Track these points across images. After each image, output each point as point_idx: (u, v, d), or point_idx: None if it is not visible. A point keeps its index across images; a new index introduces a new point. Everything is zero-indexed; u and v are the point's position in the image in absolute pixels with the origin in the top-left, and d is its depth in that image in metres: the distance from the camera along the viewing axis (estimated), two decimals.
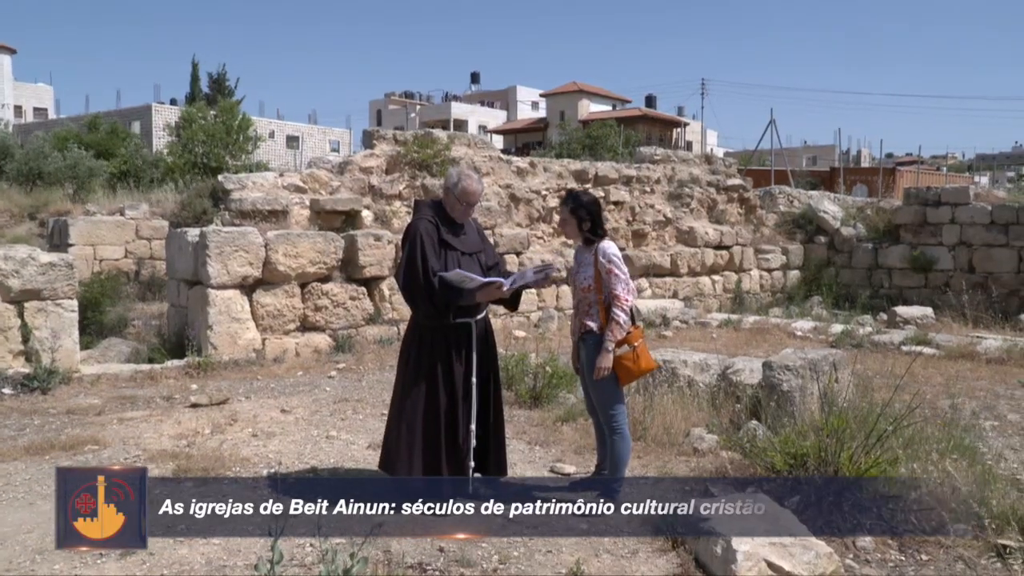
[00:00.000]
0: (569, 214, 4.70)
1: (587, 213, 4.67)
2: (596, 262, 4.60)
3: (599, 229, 4.71)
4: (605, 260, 4.58)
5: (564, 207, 4.76)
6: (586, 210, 4.67)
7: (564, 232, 4.88)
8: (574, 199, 4.74)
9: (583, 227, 4.67)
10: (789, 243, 16.60)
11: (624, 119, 47.63)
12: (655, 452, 5.67)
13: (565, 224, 4.78)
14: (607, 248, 4.61)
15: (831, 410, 5.37)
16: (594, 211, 4.70)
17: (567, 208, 4.72)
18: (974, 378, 8.54)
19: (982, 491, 4.43)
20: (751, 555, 3.63)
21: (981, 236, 14.96)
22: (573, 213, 4.68)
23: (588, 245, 4.72)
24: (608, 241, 4.68)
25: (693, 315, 12.27)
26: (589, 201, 4.73)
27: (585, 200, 4.72)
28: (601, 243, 4.64)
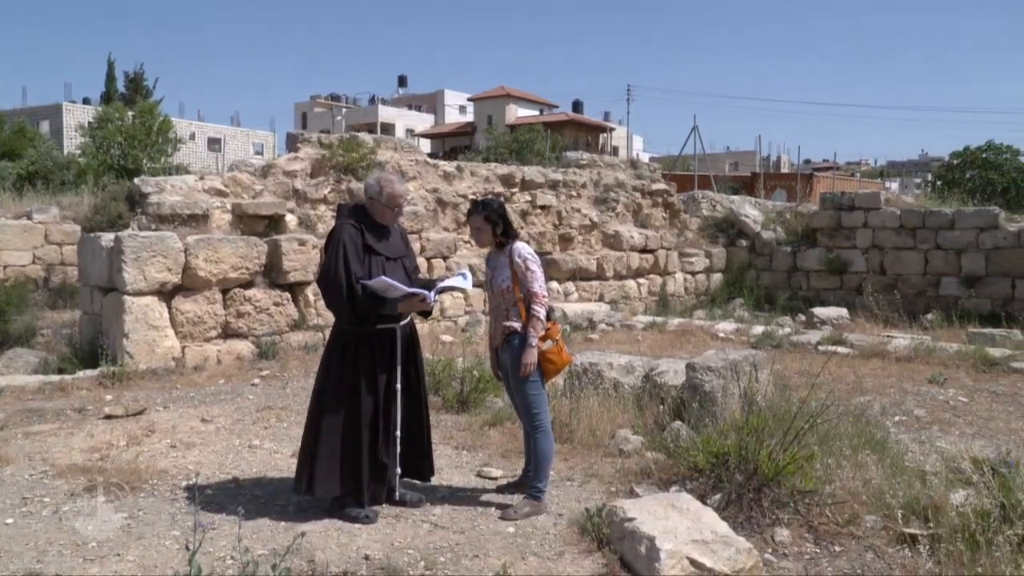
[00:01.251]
0: (483, 222, 4.70)
1: (499, 217, 4.71)
2: (512, 263, 4.65)
3: (511, 231, 4.75)
4: (521, 260, 4.64)
5: (477, 216, 4.73)
6: (498, 215, 4.71)
7: (478, 241, 4.85)
8: (485, 206, 4.75)
9: (496, 231, 4.70)
10: (712, 246, 16.99)
11: (551, 124, 47.96)
12: (581, 454, 5.72)
13: (480, 233, 4.77)
14: (521, 248, 4.68)
15: (751, 409, 5.53)
16: (504, 215, 4.75)
17: (480, 216, 4.71)
18: (884, 376, 8.88)
19: (891, 483, 4.61)
20: (674, 553, 3.69)
21: (891, 239, 15.59)
22: (488, 220, 4.69)
23: (500, 248, 4.76)
24: (521, 242, 4.76)
25: (619, 318, 12.44)
26: (499, 206, 4.77)
27: (495, 206, 4.76)
28: (514, 244, 4.70)
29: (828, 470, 4.82)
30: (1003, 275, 14.30)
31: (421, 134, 60.53)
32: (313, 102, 70.42)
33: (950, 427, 6.84)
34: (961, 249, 14.79)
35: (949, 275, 14.88)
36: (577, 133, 52.08)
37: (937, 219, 15.12)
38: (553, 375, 4.79)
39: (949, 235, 14.93)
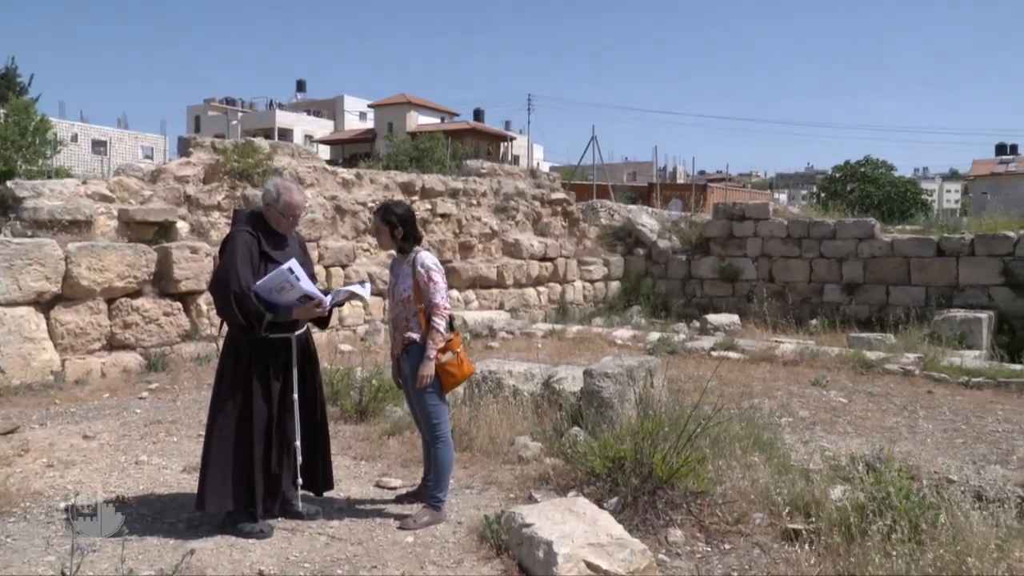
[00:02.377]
0: (381, 222, 4.71)
1: (399, 220, 4.68)
2: (414, 272, 4.62)
3: (412, 238, 4.73)
4: (423, 270, 4.61)
5: (376, 216, 4.78)
6: (397, 217, 4.68)
7: (379, 242, 4.87)
8: (385, 209, 4.75)
9: (394, 234, 4.68)
10: (610, 255, 17.34)
11: (452, 132, 48.03)
12: (481, 462, 5.73)
13: (379, 234, 4.77)
14: (424, 258, 4.65)
15: (646, 414, 5.66)
16: (406, 219, 4.71)
17: (379, 217, 4.74)
18: (773, 379, 9.25)
19: (777, 482, 4.81)
20: (571, 557, 3.74)
21: (779, 249, 16.29)
22: (385, 221, 4.69)
23: (403, 256, 4.73)
24: (424, 251, 4.73)
25: (519, 325, 12.53)
26: (402, 211, 4.75)
27: (398, 210, 4.74)
28: (418, 254, 4.67)
29: (719, 471, 4.99)
30: (879, 282, 15.14)
31: (320, 140, 59.52)
32: (207, 105, 68.29)
33: (831, 427, 7.19)
34: (842, 258, 15.58)
35: (832, 282, 15.64)
36: (478, 141, 52.28)
37: (821, 229, 15.90)
38: (452, 387, 4.74)
39: (831, 244, 15.71)
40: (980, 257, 14.20)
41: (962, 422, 7.43)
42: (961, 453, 6.42)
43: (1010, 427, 7.25)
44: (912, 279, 14.81)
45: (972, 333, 12.08)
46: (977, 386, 8.81)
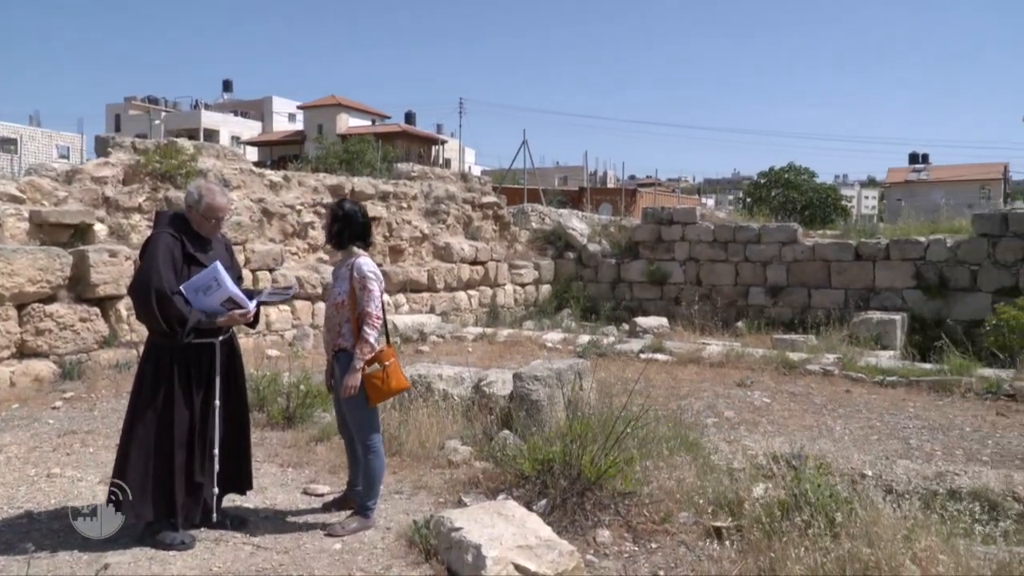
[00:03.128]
0: (328, 212, 4.67)
1: (344, 215, 4.61)
2: (351, 278, 4.54)
3: (357, 239, 4.66)
4: (360, 276, 4.52)
5: (328, 207, 4.74)
6: (347, 213, 4.61)
7: (326, 236, 4.78)
8: (339, 204, 4.70)
9: (332, 229, 4.61)
10: (541, 258, 17.45)
11: (383, 135, 47.69)
12: (411, 466, 5.69)
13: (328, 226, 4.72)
14: (362, 265, 4.55)
15: (575, 416, 5.71)
16: (354, 218, 4.63)
17: (329, 208, 4.69)
18: (700, 380, 9.44)
19: (702, 481, 4.91)
20: (500, 560, 3.75)
21: (706, 252, 16.64)
22: (334, 213, 4.63)
23: (346, 257, 4.66)
24: (365, 258, 4.64)
25: (450, 329, 12.50)
26: (349, 207, 4.68)
27: (348, 206, 4.67)
28: (357, 259, 4.58)
29: (647, 471, 5.07)
30: (801, 285, 15.60)
31: (248, 142, 58.36)
32: (128, 104, 66.27)
33: (755, 426, 7.37)
34: (767, 262, 16.01)
35: (756, 285, 16.05)
36: (409, 145, 52.01)
37: (746, 234, 16.30)
38: (379, 400, 4.58)
39: (756, 248, 16.13)
40: (894, 261, 14.77)
41: (877, 419, 7.71)
42: (875, 449, 6.67)
43: (920, 423, 7.56)
44: (832, 282, 15.31)
45: (887, 334, 12.55)
46: (891, 385, 9.15)
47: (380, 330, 4.53)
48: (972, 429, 7.38)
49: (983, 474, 5.64)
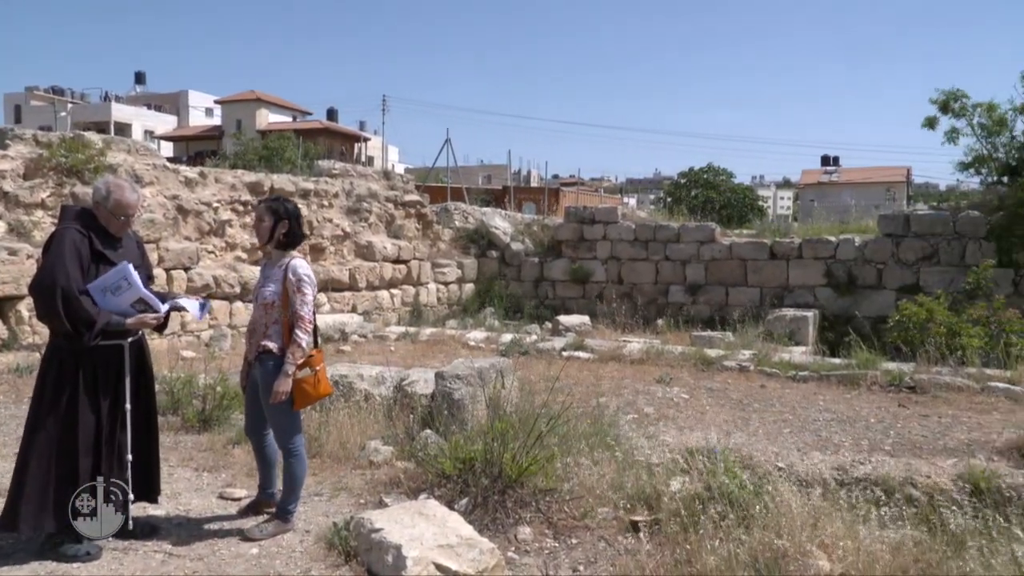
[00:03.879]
0: (266, 211, 4.49)
1: (287, 214, 4.49)
2: (285, 279, 4.42)
3: (297, 238, 4.56)
4: (295, 278, 4.41)
5: (262, 204, 4.57)
6: (287, 211, 4.50)
7: (257, 234, 4.64)
8: (275, 200, 4.58)
9: (278, 228, 4.49)
10: (464, 257, 17.44)
11: (305, 131, 46.89)
12: (331, 468, 5.62)
13: (260, 224, 4.53)
14: (298, 266, 4.44)
15: (497, 415, 5.73)
16: (293, 216, 4.53)
17: (265, 205, 4.53)
18: (620, 378, 9.59)
19: (621, 477, 4.99)
20: (420, 560, 3.74)
21: (627, 251, 16.92)
22: (271, 211, 4.47)
23: (277, 257, 4.54)
24: (301, 259, 4.53)
25: (372, 329, 12.38)
26: (292, 207, 4.57)
27: (288, 205, 4.56)
28: (293, 260, 4.47)
29: (567, 468, 5.12)
30: (719, 284, 16.02)
31: (163, 136, 56.57)
32: (29, 94, 63.33)
33: (674, 422, 7.53)
34: (686, 260, 16.37)
35: (676, 284, 16.40)
36: (332, 142, 51.24)
37: (666, 233, 16.64)
38: (305, 405, 4.52)
39: (676, 247, 16.48)
40: (807, 260, 15.30)
41: (789, 413, 7.97)
42: (788, 442, 6.90)
43: (830, 416, 7.85)
44: (749, 280, 15.77)
45: (800, 330, 13.00)
46: (803, 380, 9.47)
47: (311, 334, 4.45)
48: (876, 420, 7.71)
49: (885, 463, 5.90)
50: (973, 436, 7.06)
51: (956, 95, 15.26)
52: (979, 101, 15.10)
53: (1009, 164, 14.88)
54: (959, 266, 13.87)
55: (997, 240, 13.74)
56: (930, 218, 14.60)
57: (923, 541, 3.99)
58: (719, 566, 3.70)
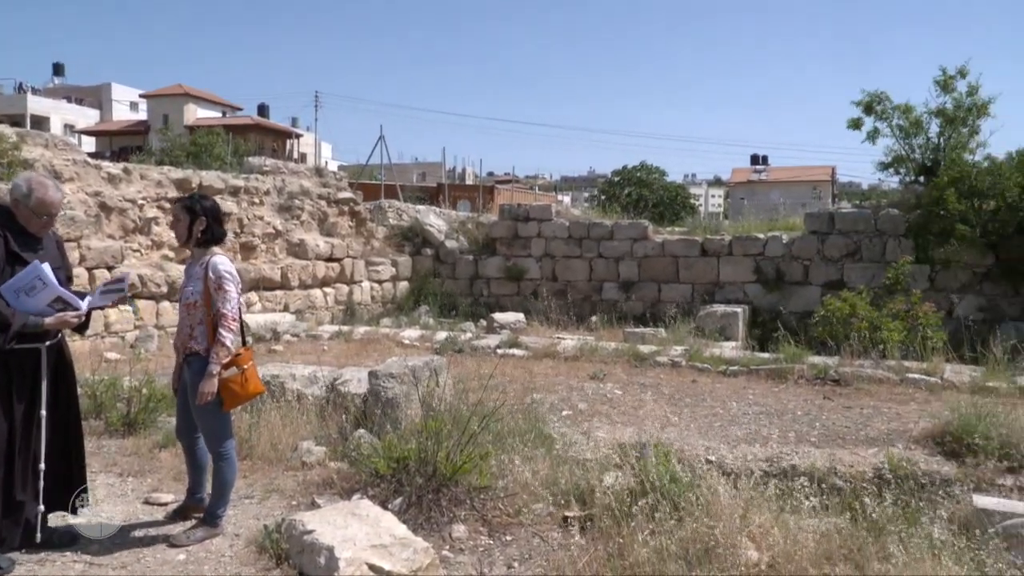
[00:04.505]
0: (182, 210, 4.39)
1: (203, 212, 4.38)
2: (206, 277, 4.32)
3: (216, 235, 4.45)
4: (215, 276, 4.30)
5: (178, 204, 4.47)
6: (203, 208, 4.39)
7: (176, 234, 4.52)
8: (190, 198, 4.48)
9: (196, 226, 4.37)
10: (398, 255, 17.31)
11: (234, 127, 45.90)
12: (262, 470, 5.52)
13: (177, 223, 4.44)
14: (218, 263, 4.34)
15: (431, 413, 5.71)
16: (212, 213, 4.43)
17: (181, 204, 4.43)
18: (555, 375, 9.65)
19: (555, 473, 5.03)
20: (353, 560, 3.70)
21: (561, 249, 17.03)
22: (187, 209, 4.38)
23: (199, 256, 4.43)
24: (221, 256, 4.42)
25: (304, 328, 12.20)
26: (209, 204, 4.46)
27: (205, 202, 4.45)
28: (213, 258, 4.36)
29: (502, 465, 5.12)
30: (652, 281, 16.25)
31: (84, 131, 54.62)
32: None
33: (607, 417, 7.62)
34: (619, 258, 16.56)
35: (610, 281, 16.58)
36: (263, 138, 50.31)
37: (599, 230, 16.80)
38: (235, 405, 4.43)
39: (609, 245, 16.65)
40: (737, 257, 15.64)
41: (720, 407, 8.14)
42: (718, 435, 7.04)
43: (758, 409, 8.05)
44: (681, 277, 16.04)
45: (730, 326, 13.28)
46: (733, 374, 9.69)
47: (237, 332, 4.35)
48: (803, 413, 7.93)
49: (811, 454, 6.09)
50: (892, 426, 7.32)
51: (879, 97, 15.79)
52: (898, 103, 15.66)
53: (924, 164, 15.47)
54: (880, 262, 14.35)
55: (915, 237, 14.26)
56: (853, 216, 15.07)
57: (846, 528, 4.11)
58: (650, 558, 3.75)
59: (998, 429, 6.31)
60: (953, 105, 15.12)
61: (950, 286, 13.96)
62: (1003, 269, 13.60)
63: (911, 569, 3.58)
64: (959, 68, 15.15)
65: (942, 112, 15.21)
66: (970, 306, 13.64)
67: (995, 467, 6.13)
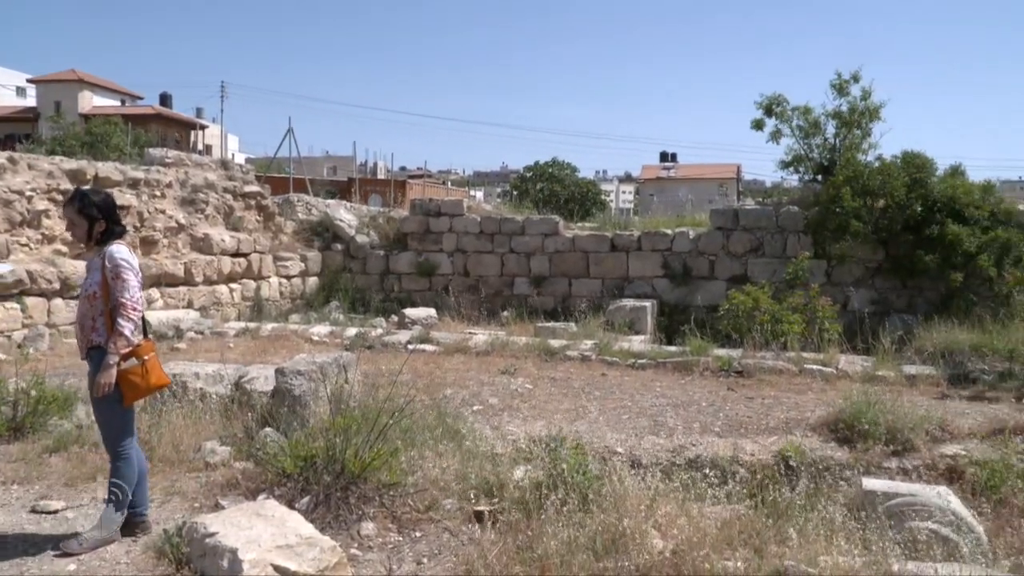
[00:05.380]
0: (77, 214, 4.19)
1: (99, 212, 4.19)
2: (103, 267, 4.15)
3: (116, 233, 4.27)
4: (112, 264, 4.14)
5: (70, 207, 4.24)
6: (98, 209, 4.20)
7: (74, 237, 4.31)
8: (81, 198, 4.26)
9: (95, 228, 4.18)
10: (308, 250, 16.97)
11: (134, 117, 44.17)
12: (162, 472, 5.33)
13: (74, 227, 4.25)
14: (115, 252, 4.18)
15: (339, 410, 5.62)
16: (107, 210, 4.24)
17: (73, 208, 4.22)
18: (466, 370, 9.63)
19: (466, 467, 5.02)
20: (257, 562, 3.60)
21: (473, 244, 17.02)
22: (83, 214, 4.18)
23: (100, 249, 4.24)
24: (119, 245, 4.25)
25: (209, 325, 11.82)
26: (101, 200, 4.25)
27: (96, 199, 4.24)
28: (110, 247, 4.20)
29: (412, 462, 5.09)
30: (563, 276, 16.42)
31: None
32: None
33: (518, 412, 7.65)
34: (530, 253, 16.66)
35: (521, 276, 16.66)
36: (166, 129, 48.54)
37: (511, 226, 16.87)
38: (136, 398, 4.28)
39: (521, 240, 16.74)
40: (645, 252, 15.96)
41: (628, 400, 8.29)
42: (627, 427, 7.17)
43: (666, 401, 8.23)
44: (591, 272, 16.25)
45: (639, 320, 13.55)
46: (642, 367, 9.88)
47: (137, 322, 4.19)
48: (708, 404, 8.15)
49: (715, 443, 6.27)
50: (791, 415, 7.61)
51: (778, 99, 16.35)
52: (797, 105, 16.27)
53: (822, 164, 16.11)
54: (781, 257, 14.88)
55: (813, 234, 14.86)
56: (756, 213, 15.58)
57: (747, 514, 4.26)
58: (559, 550, 3.79)
59: (885, 416, 6.64)
60: (848, 108, 15.81)
61: (845, 280, 14.60)
62: (892, 264, 14.33)
63: (806, 550, 3.73)
64: (853, 73, 15.84)
65: (838, 114, 15.88)
66: (863, 299, 14.29)
67: (882, 451, 6.46)
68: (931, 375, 9.06)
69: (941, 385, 8.79)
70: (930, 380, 8.93)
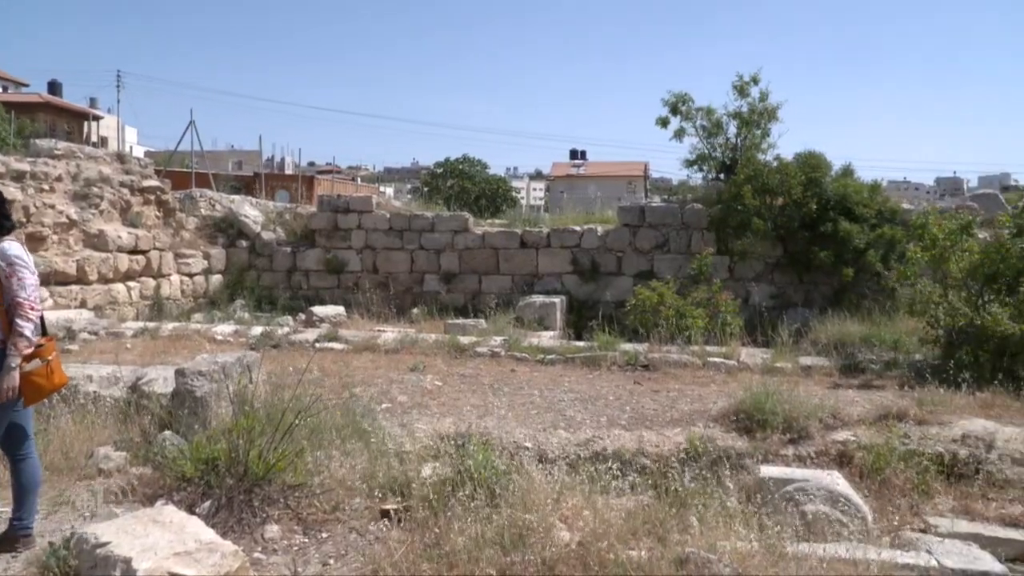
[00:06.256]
0: None
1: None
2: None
3: (6, 228, 4.08)
4: (5, 263, 3.98)
5: None
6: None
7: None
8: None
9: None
10: (211, 247, 16.46)
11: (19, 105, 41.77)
12: (50, 481, 5.07)
13: None
14: (7, 249, 4.01)
15: (242, 411, 5.48)
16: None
17: None
18: (374, 368, 9.52)
19: (373, 466, 4.98)
20: (154, 571, 3.47)
21: (382, 241, 16.85)
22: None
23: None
24: (11, 242, 4.07)
25: (104, 325, 11.32)
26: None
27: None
28: (2, 244, 4.02)
29: (319, 462, 5.01)
30: (473, 272, 16.44)
31: None
32: None
33: (427, 409, 7.62)
34: (440, 250, 16.61)
35: (431, 273, 16.60)
36: (55, 119, 46.13)
37: (421, 222, 16.78)
38: (38, 400, 4.14)
39: (431, 237, 16.67)
40: (555, 248, 16.13)
41: (537, 395, 8.36)
42: (535, 422, 7.24)
43: (574, 396, 8.34)
44: (501, 269, 16.32)
45: (548, 316, 13.69)
46: (551, 363, 9.98)
47: (36, 321, 4.01)
48: (615, 398, 8.30)
49: (621, 436, 6.40)
50: (695, 407, 7.83)
51: (683, 98, 16.78)
52: (701, 105, 16.74)
53: (724, 163, 16.63)
54: (686, 254, 15.29)
55: (716, 231, 15.33)
56: (662, 210, 15.95)
57: (651, 504, 4.36)
58: (467, 546, 3.80)
59: (782, 405, 6.91)
60: (748, 109, 16.35)
61: (746, 276, 15.12)
62: (790, 260, 14.92)
63: (707, 537, 3.85)
64: (752, 75, 16.38)
65: (739, 115, 16.41)
66: (763, 294, 14.81)
67: (780, 439, 6.72)
68: (825, 366, 9.48)
69: (834, 375, 9.21)
70: (824, 371, 9.33)
